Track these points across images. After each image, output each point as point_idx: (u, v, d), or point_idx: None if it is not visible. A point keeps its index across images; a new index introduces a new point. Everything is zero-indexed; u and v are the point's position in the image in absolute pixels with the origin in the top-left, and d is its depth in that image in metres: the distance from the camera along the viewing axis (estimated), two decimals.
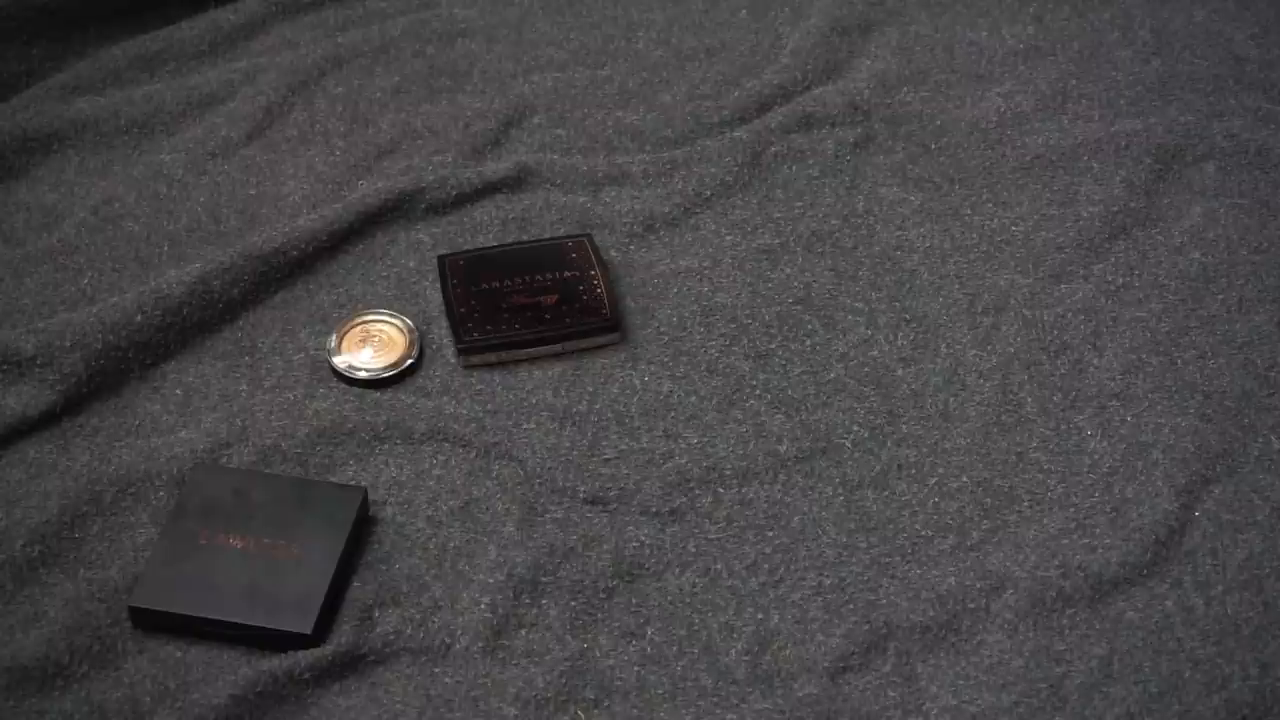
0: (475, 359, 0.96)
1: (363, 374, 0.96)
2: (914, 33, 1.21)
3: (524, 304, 0.98)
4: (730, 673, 0.82)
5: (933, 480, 0.91)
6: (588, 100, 1.15)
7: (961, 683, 0.81)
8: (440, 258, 1.01)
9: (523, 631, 0.84)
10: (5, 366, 0.94)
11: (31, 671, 0.81)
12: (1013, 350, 0.98)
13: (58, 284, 1.02)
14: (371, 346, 0.97)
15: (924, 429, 0.94)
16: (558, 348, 0.97)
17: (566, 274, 1.00)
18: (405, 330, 0.98)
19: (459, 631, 0.84)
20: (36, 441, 0.92)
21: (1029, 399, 0.95)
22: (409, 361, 0.96)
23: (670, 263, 1.04)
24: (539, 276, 1.00)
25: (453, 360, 0.97)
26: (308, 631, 0.82)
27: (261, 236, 1.02)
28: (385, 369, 0.96)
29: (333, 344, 0.97)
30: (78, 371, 0.94)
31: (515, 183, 1.08)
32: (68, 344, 0.94)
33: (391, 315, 0.99)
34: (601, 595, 0.86)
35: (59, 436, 0.93)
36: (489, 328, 0.97)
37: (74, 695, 0.80)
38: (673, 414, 0.95)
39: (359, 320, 0.98)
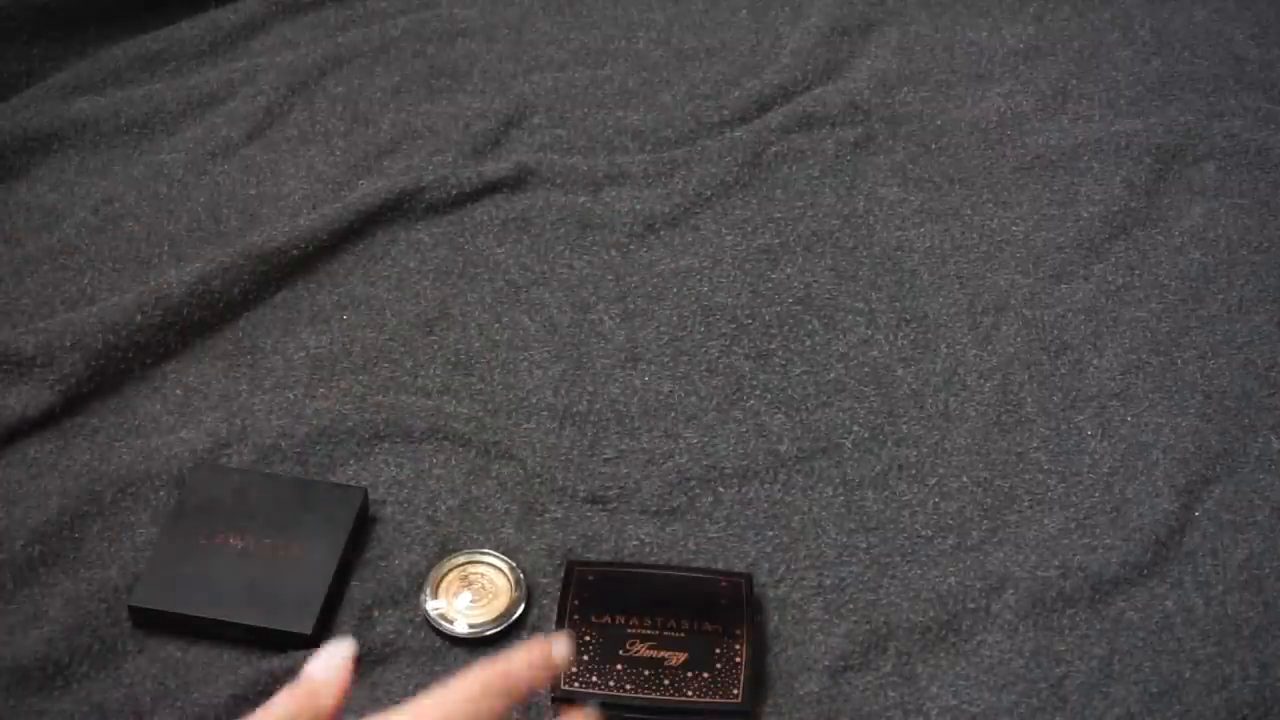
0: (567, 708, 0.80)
1: (462, 628, 0.85)
2: (914, 33, 1.21)
3: (645, 657, 0.82)
4: None
5: (933, 480, 0.91)
6: (588, 100, 1.15)
7: (961, 683, 0.81)
8: (570, 564, 0.86)
9: (524, 633, 0.84)
10: (5, 366, 0.94)
11: (31, 671, 0.81)
12: (1013, 350, 0.98)
13: (58, 284, 1.02)
14: (471, 592, 0.86)
15: (924, 429, 0.94)
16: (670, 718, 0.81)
17: (706, 627, 0.83)
18: (509, 574, 0.87)
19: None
20: (36, 441, 0.92)
21: (1029, 399, 0.95)
22: (517, 613, 0.85)
23: (670, 263, 1.04)
24: (672, 623, 0.83)
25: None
26: (307, 631, 0.82)
27: (262, 236, 1.02)
28: (488, 623, 0.84)
29: (427, 592, 0.86)
30: (78, 371, 0.94)
31: (515, 183, 1.08)
32: (68, 344, 0.94)
33: (495, 557, 0.87)
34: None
35: (59, 436, 0.93)
36: (595, 679, 0.81)
37: (74, 695, 0.80)
38: (673, 413, 0.95)
39: (456, 563, 0.87)
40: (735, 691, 0.80)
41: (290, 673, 0.80)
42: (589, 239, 1.05)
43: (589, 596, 0.84)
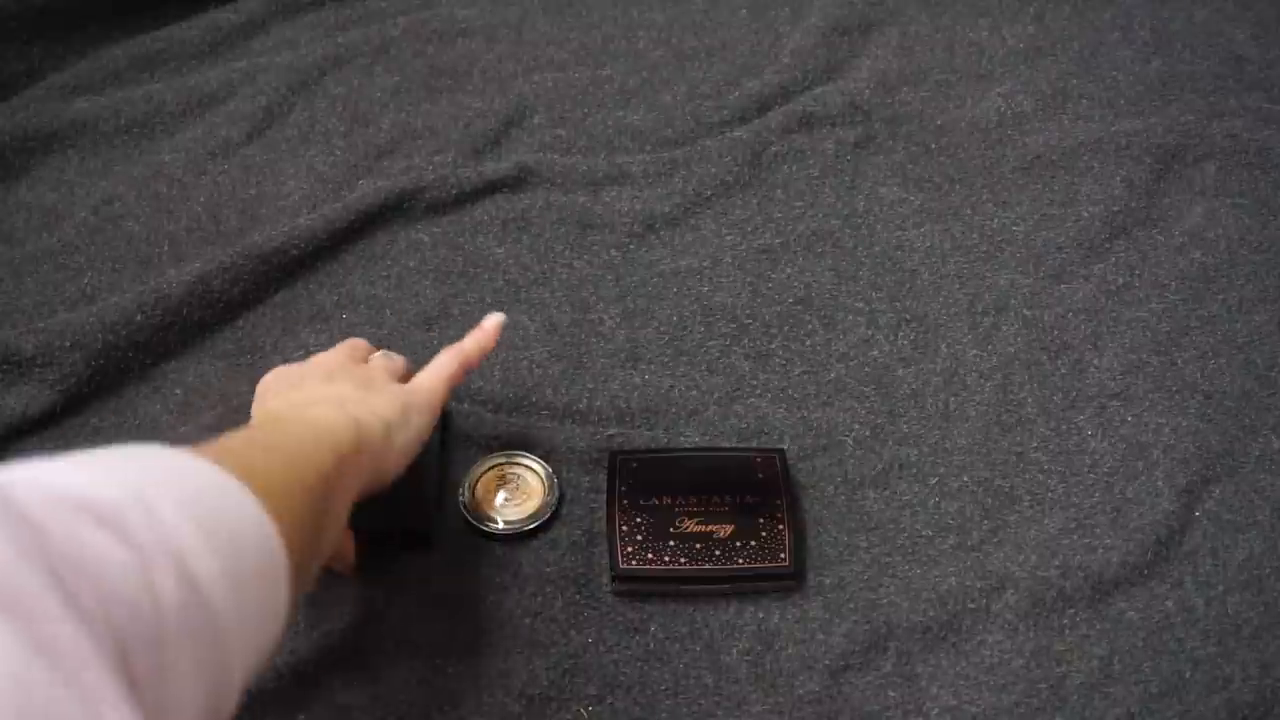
0: (627, 588, 0.86)
1: (497, 524, 0.89)
2: (914, 33, 1.21)
3: (695, 532, 0.86)
4: (732, 671, 0.82)
5: (933, 480, 0.91)
6: (588, 100, 1.16)
7: (961, 683, 0.81)
8: (612, 455, 0.90)
9: (526, 620, 0.84)
10: (5, 366, 0.94)
11: None
12: (1013, 350, 0.98)
13: (58, 284, 1.02)
14: (506, 491, 0.90)
15: (925, 429, 0.94)
16: (725, 587, 0.86)
17: (748, 499, 0.87)
18: (544, 477, 0.90)
19: (463, 625, 0.84)
20: (36, 441, 0.92)
21: (1029, 399, 0.95)
22: (548, 513, 0.89)
23: (670, 262, 1.04)
24: (716, 499, 0.87)
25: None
26: (429, 527, 0.86)
27: (261, 236, 1.02)
28: (521, 521, 0.88)
29: (465, 490, 0.90)
30: (78, 371, 0.94)
31: (515, 183, 1.08)
32: (68, 344, 0.94)
33: (531, 459, 0.91)
34: (605, 591, 0.86)
35: (59, 436, 0.93)
36: (650, 556, 0.85)
37: None
38: (674, 411, 0.95)
39: (494, 463, 0.91)
40: (782, 556, 0.85)
41: (293, 667, 0.81)
42: (589, 239, 1.05)
43: (634, 483, 0.88)
